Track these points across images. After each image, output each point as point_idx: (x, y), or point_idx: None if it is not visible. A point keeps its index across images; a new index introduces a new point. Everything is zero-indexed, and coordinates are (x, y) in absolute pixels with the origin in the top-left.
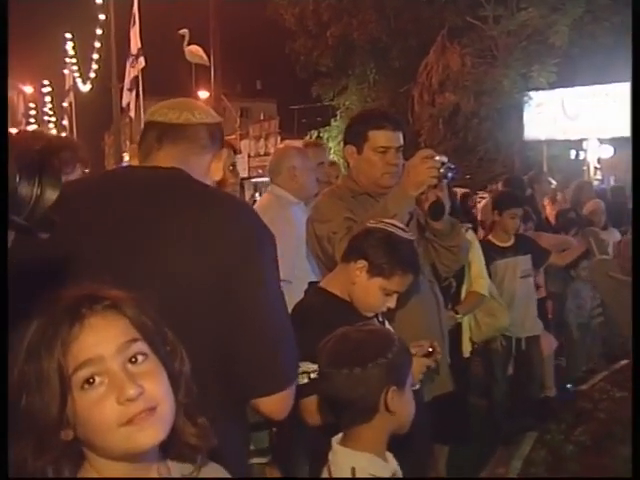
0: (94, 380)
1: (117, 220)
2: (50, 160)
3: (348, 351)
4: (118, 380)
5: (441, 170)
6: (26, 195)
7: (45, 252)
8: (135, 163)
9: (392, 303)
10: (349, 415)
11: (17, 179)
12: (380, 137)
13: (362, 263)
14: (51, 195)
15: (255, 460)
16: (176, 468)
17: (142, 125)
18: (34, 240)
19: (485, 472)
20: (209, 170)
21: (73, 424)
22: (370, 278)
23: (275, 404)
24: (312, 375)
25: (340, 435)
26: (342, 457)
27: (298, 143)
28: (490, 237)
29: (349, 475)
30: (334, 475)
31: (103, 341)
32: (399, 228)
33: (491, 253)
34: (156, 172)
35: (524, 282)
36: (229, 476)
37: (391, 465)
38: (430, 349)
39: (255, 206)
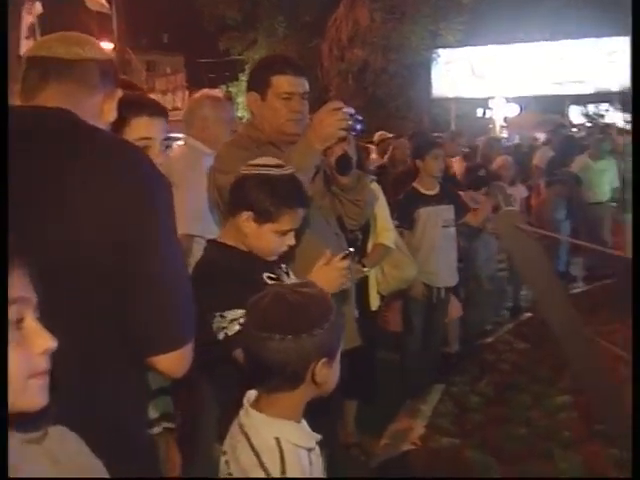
0: (21, 321)
1: None
2: None
3: (282, 315)
4: (39, 330)
5: (349, 122)
6: None
7: None
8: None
9: (291, 240)
10: (272, 382)
11: None
12: (284, 82)
13: (247, 214)
14: None
15: (165, 425)
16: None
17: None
18: None
19: (393, 425)
20: (101, 112)
21: None
22: (260, 226)
23: (172, 362)
24: (242, 320)
25: (253, 396)
26: (261, 425)
27: (215, 92)
28: (415, 184)
29: (273, 445)
30: (254, 443)
31: (26, 287)
32: (272, 166)
33: (415, 200)
34: (39, 112)
35: (445, 232)
36: (77, 437)
37: (314, 434)
38: (346, 252)
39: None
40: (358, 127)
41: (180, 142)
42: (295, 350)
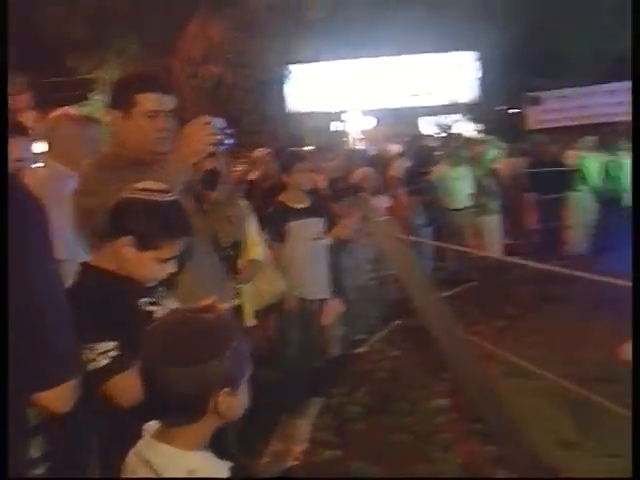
0: None
1: None
2: None
3: (179, 345)
4: None
5: (219, 137)
6: None
7: None
8: None
9: (172, 268)
10: (172, 414)
11: None
12: (149, 101)
13: (127, 239)
14: None
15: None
16: None
17: None
18: None
19: (274, 442)
20: None
21: None
22: (140, 252)
23: (55, 397)
24: (112, 353)
25: (154, 427)
26: (171, 458)
27: (74, 110)
28: (282, 199)
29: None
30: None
31: None
32: (156, 191)
33: (285, 214)
34: None
35: (316, 244)
36: None
37: (224, 462)
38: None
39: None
40: (228, 142)
41: (38, 164)
42: (194, 382)
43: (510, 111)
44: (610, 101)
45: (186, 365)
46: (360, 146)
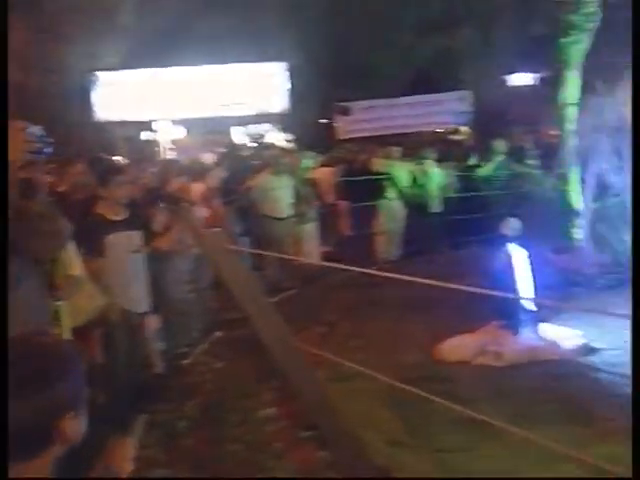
0: None
1: None
2: None
3: (17, 374)
4: None
5: (37, 145)
6: None
7: None
8: None
9: None
10: (14, 450)
11: None
12: None
13: None
14: None
15: None
16: None
17: None
18: None
19: (99, 465)
20: None
21: None
22: None
23: None
24: None
25: None
26: None
27: None
28: (100, 210)
29: None
30: None
31: None
32: None
33: (102, 227)
34: None
35: (135, 257)
36: None
37: None
38: None
39: None
40: (46, 150)
41: None
42: (39, 410)
43: (321, 121)
44: (414, 113)
45: (29, 394)
46: (172, 156)
